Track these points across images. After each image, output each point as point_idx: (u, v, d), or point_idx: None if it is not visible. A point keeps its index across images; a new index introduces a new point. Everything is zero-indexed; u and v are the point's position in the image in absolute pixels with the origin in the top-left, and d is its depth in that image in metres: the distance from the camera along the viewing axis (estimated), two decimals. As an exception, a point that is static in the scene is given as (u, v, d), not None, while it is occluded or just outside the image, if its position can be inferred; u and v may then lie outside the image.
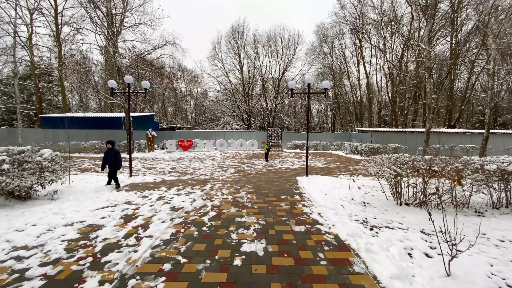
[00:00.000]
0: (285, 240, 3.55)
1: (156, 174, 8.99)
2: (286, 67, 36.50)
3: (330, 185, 7.63)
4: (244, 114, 37.08)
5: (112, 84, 8.09)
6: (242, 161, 13.43)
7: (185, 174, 9.11)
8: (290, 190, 6.65)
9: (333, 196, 6.46)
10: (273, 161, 13.57)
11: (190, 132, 23.33)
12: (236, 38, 36.14)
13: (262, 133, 24.18)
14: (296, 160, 14.15)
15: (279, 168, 10.64)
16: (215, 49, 36.25)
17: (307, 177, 8.14)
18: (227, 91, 37.40)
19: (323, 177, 8.33)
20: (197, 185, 7.16)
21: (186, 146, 19.86)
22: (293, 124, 47.10)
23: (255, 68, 36.66)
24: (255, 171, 9.75)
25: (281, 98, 37.91)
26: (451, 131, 19.74)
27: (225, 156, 15.88)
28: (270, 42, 37.12)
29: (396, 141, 19.02)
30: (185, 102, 47.36)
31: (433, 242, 3.87)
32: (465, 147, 17.78)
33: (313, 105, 57.60)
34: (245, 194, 6.21)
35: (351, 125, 43.18)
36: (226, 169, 10.38)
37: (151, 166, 11.22)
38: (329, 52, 39.77)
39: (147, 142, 18.69)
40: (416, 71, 29.89)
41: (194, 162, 12.57)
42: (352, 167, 11.33)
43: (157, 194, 6.20)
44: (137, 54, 16.89)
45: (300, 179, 8.06)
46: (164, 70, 41.57)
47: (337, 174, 9.46)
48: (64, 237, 3.74)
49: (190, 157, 15.12)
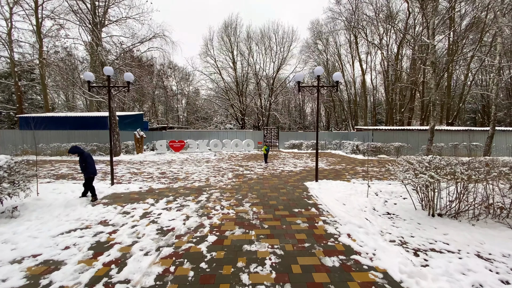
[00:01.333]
0: (318, 284, 2.53)
1: (143, 181, 7.83)
2: (280, 65, 35.54)
3: (344, 191, 6.67)
4: (238, 113, 35.96)
5: (89, 76, 6.88)
6: (239, 163, 12.36)
7: (176, 180, 7.99)
8: (302, 200, 5.64)
9: (352, 206, 5.50)
10: (272, 162, 12.57)
11: (182, 132, 22.07)
12: (229, 34, 34.94)
13: (258, 132, 23.14)
14: (298, 161, 13.18)
15: (281, 172, 9.63)
16: (207, 46, 34.96)
17: (317, 183, 7.16)
18: (220, 89, 36.16)
19: (334, 182, 7.36)
20: (191, 195, 6.06)
21: (177, 147, 18.63)
22: (288, 123, 46.31)
23: (248, 66, 35.57)
24: (256, 176, 8.71)
25: (275, 96, 36.95)
26: (453, 128, 19.22)
27: (220, 158, 14.78)
28: (264, 38, 36.08)
29: (397, 139, 18.32)
30: (176, 101, 45.84)
31: (500, 272, 2.95)
32: (469, 145, 17.23)
33: (307, 103, 57.04)
34: (249, 206, 5.16)
35: (346, 123, 42.70)
36: (223, 173, 9.30)
37: (138, 170, 10.02)
38: (323, 50, 39.08)
39: (135, 143, 17.38)
40: (412, 68, 29.50)
41: (186, 165, 11.43)
42: (359, 169, 10.43)
43: (142, 209, 5.08)
44: (124, 48, 15.54)
45: (309, 185, 7.07)
46: (154, 67, 40.10)
47: (347, 177, 8.53)
48: (2, 286, 2.60)
49: (182, 159, 13.95)
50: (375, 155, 16.34)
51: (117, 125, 15.63)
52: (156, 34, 14.82)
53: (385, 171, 9.75)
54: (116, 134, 15.57)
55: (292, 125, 49.64)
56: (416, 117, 34.86)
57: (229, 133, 22.46)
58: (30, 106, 32.56)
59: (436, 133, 18.19)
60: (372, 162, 13.01)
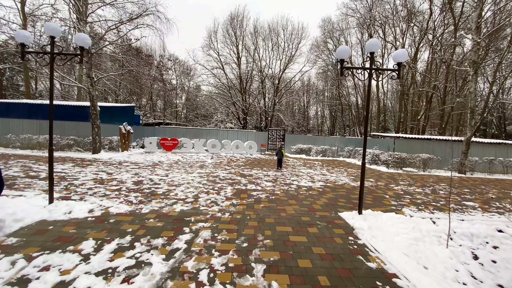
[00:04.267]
0: None
1: (102, 197, 5.40)
2: (287, 63, 33.17)
3: (405, 233, 4.28)
4: (240, 112, 33.56)
5: (21, 37, 4.47)
6: (241, 170, 9.93)
7: (151, 197, 5.56)
8: (354, 259, 3.22)
9: (437, 271, 3.11)
10: (282, 172, 10.15)
11: (177, 129, 19.64)
12: (234, 27, 32.58)
13: (262, 133, 20.74)
14: (312, 172, 10.76)
15: (298, 188, 7.20)
16: (210, 38, 32.56)
17: (361, 216, 4.72)
18: (223, 85, 33.75)
19: (384, 214, 4.93)
20: (163, 235, 3.63)
21: (169, 146, 16.20)
22: (292, 126, 44.01)
23: (254, 62, 33.17)
24: (264, 194, 6.27)
25: (280, 96, 34.60)
26: (485, 141, 16.87)
27: (218, 162, 12.35)
28: (271, 34, 33.72)
29: (422, 150, 15.96)
30: (175, 96, 43.44)
31: None
32: (505, 160, 14.84)
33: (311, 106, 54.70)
34: (263, 275, 2.73)
35: (353, 128, 40.35)
36: (220, 187, 6.87)
37: (109, 176, 7.59)
38: (334, 49, 36.73)
39: (120, 139, 14.93)
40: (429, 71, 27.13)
41: (174, 171, 8.99)
42: (398, 188, 8.01)
43: (58, 271, 2.64)
44: (109, 26, 13.10)
45: (350, 219, 4.63)
46: (153, 58, 37.73)
47: (391, 203, 6.12)
48: None
49: (172, 162, 11.52)
50: (399, 168, 13.95)
51: (98, 117, 13.19)
52: (148, 10, 12.37)
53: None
54: (96, 127, 13.14)
55: (295, 128, 47.34)
56: (431, 125, 32.51)
57: (229, 133, 20.04)
58: (15, 93, 30.12)
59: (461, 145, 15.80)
60: (403, 178, 10.60)
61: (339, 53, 4.56)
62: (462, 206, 6.21)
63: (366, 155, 15.58)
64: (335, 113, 46.99)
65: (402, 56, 4.53)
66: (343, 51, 4.51)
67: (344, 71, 4.61)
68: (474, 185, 9.79)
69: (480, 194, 7.93)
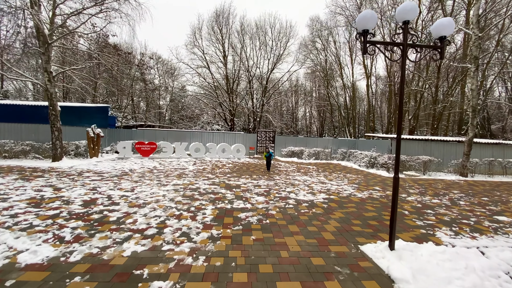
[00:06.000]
0: None
1: (22, 230, 3.73)
2: (276, 62, 31.98)
3: (459, 278, 2.97)
4: (227, 113, 31.98)
5: None
6: (226, 179, 8.42)
7: (97, 228, 3.94)
8: None
9: None
10: (274, 180, 8.72)
11: (157, 132, 17.83)
12: (220, 24, 31.03)
13: (250, 135, 19.29)
14: (308, 179, 9.40)
15: (297, 204, 5.78)
16: (194, 35, 30.83)
17: (395, 254, 3.34)
18: (208, 85, 32.05)
19: (422, 247, 3.59)
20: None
21: (146, 151, 14.40)
22: (280, 127, 42.91)
23: (241, 61, 31.73)
24: (255, 217, 4.79)
25: (268, 97, 33.35)
26: (482, 141, 16.22)
27: (201, 168, 10.76)
28: (259, 32, 32.44)
29: (420, 151, 15.07)
30: (158, 96, 41.20)
31: None
32: (504, 161, 14.17)
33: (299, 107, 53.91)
34: None
35: (342, 129, 39.72)
36: (198, 206, 5.33)
37: (54, 194, 5.86)
38: (322, 49, 36.00)
39: (88, 143, 13.02)
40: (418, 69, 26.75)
41: (144, 183, 7.35)
42: (412, 199, 6.78)
43: None
44: (68, 14, 11.21)
45: (379, 259, 3.25)
46: (134, 57, 35.45)
47: (415, 222, 4.82)
48: None
49: (146, 170, 9.83)
50: (400, 171, 12.88)
51: (58, 118, 11.25)
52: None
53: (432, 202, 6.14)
54: (56, 130, 11.20)
55: (284, 129, 46.30)
56: (422, 125, 32.25)
57: (215, 135, 18.44)
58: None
59: (459, 146, 15.10)
60: (409, 184, 9.47)
61: (361, 21, 3.19)
62: (498, 224, 5.02)
63: (363, 158, 14.29)
64: (324, 114, 46.36)
65: (446, 27, 3.22)
66: (367, 18, 3.15)
67: (368, 46, 3.24)
68: (487, 190, 8.79)
69: (503, 203, 6.85)
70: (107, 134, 16.47)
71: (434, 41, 3.37)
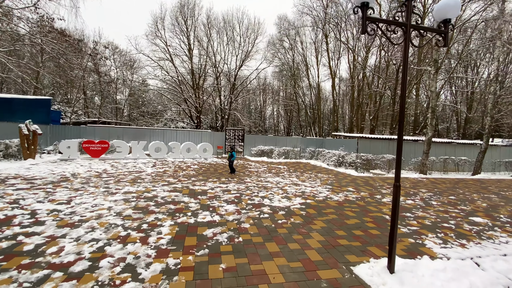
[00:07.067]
0: None
1: None
2: (244, 59, 31.17)
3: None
4: (193, 110, 30.29)
5: None
6: (191, 184, 7.38)
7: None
8: None
9: None
10: (245, 182, 7.93)
11: (111, 129, 15.78)
12: (184, 16, 29.14)
13: (218, 134, 18.23)
14: (281, 180, 8.80)
15: (273, 213, 5.06)
16: (156, 25, 28.47)
17: (396, 279, 2.77)
18: (172, 79, 29.96)
19: (422, 266, 3.11)
20: None
21: (96, 151, 12.51)
22: (249, 125, 42.32)
23: (207, 56, 30.26)
24: (226, 233, 3.93)
25: (236, 94, 32.45)
26: (437, 140, 17.47)
27: (161, 171, 9.50)
28: (226, 27, 31.27)
29: (383, 150, 15.60)
30: (115, 90, 37.51)
31: None
32: (457, 159, 15.38)
33: (268, 106, 54.00)
34: None
35: (308, 128, 40.58)
36: (153, 221, 4.28)
37: None
38: (290, 48, 36.20)
39: (22, 142, 10.79)
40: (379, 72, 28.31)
41: (86, 192, 5.98)
42: (387, 201, 6.55)
43: None
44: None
45: (378, 286, 2.66)
46: (85, 45, 31.63)
47: (401, 230, 4.45)
48: None
49: (93, 174, 8.28)
50: (366, 170, 13.09)
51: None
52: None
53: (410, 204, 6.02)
54: (-28, 126, 8.95)
55: (252, 128, 45.82)
56: (380, 124, 34.23)
57: (179, 133, 17.01)
58: None
59: (418, 145, 16.06)
60: (380, 184, 9.45)
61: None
62: (477, 226, 4.91)
63: (331, 157, 14.19)
64: (291, 113, 46.94)
65: (452, 9, 2.74)
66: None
67: (367, 25, 2.62)
68: (449, 188, 9.13)
69: (471, 202, 7.00)
70: (50, 131, 14.06)
71: (438, 24, 2.89)
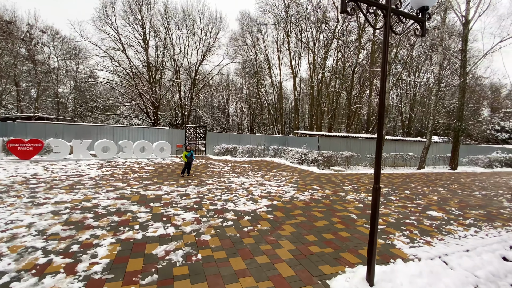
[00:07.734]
0: None
1: None
2: (205, 53, 29.91)
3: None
4: (149, 106, 28.09)
5: None
6: (143, 188, 6.45)
7: None
8: None
9: None
10: (206, 184, 7.26)
11: (48, 126, 13.49)
12: (139, 3, 26.72)
13: (178, 131, 17.00)
14: (246, 181, 8.34)
15: (238, 219, 4.56)
16: (105, 10, 25.54)
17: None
18: (125, 71, 27.29)
19: (399, 272, 2.93)
20: None
21: (26, 152, 10.48)
22: (211, 123, 41.11)
23: (165, 48, 28.26)
24: (182, 250, 3.29)
25: (198, 90, 31.06)
26: (388, 138, 18.91)
27: (107, 174, 8.26)
28: (186, 18, 29.60)
29: (342, 147, 16.27)
30: (55, 81, 32.83)
31: None
32: (405, 155, 16.81)
33: (231, 103, 53.25)
34: None
35: (271, 126, 41.02)
36: (87, 240, 3.42)
37: None
38: (252, 45, 35.96)
39: None
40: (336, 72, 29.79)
41: (2, 204, 4.72)
42: (351, 198, 6.56)
43: None
44: None
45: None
46: (19, 29, 26.99)
47: (367, 229, 4.35)
48: None
49: (17, 181, 6.74)
50: (327, 167, 13.41)
51: None
52: None
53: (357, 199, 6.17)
54: None
55: (215, 126, 44.64)
56: (337, 123, 36.08)
57: (132, 130, 15.40)
58: None
59: (371, 142, 17.19)
60: (341, 180, 9.63)
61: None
62: (436, 221, 5.10)
63: (294, 155, 14.23)
64: (254, 111, 46.89)
65: (429, -4, 2.54)
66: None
67: (348, 4, 2.26)
68: (403, 182, 9.73)
69: (423, 196, 7.44)
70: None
71: (416, 11, 2.69)
